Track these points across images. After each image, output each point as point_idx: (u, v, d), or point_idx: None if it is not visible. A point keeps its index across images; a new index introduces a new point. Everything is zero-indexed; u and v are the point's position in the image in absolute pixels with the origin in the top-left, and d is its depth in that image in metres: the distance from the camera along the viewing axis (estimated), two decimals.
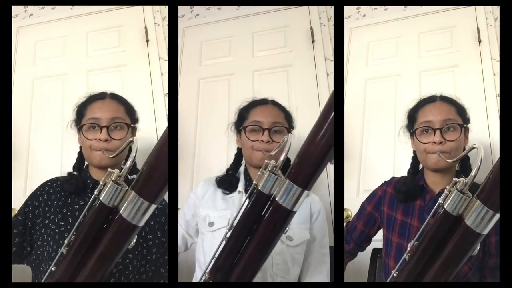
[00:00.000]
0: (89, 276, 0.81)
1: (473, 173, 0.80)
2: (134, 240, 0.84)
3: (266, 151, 1.15)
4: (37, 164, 1.70)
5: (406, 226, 1.14)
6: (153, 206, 0.79)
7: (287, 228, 0.84)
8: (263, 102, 1.27)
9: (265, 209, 0.83)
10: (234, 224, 0.84)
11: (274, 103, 1.27)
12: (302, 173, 0.79)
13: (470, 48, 1.67)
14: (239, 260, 0.84)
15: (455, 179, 0.82)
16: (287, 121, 1.25)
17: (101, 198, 0.80)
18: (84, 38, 1.77)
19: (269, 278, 1.15)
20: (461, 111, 1.14)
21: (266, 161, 0.83)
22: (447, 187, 0.82)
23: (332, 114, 0.77)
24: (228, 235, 0.84)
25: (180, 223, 1.28)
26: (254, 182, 0.84)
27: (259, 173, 0.83)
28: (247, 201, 0.84)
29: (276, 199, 0.81)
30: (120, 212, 0.79)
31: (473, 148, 0.83)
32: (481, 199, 0.79)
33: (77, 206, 1.10)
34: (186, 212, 1.29)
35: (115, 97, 1.16)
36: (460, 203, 0.80)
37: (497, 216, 0.79)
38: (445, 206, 0.81)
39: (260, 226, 0.82)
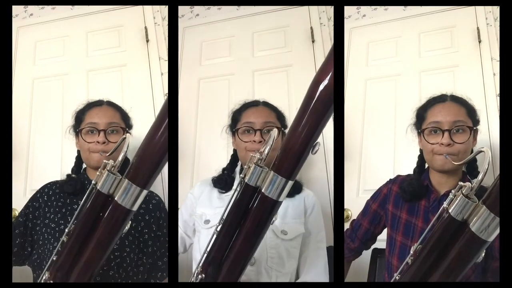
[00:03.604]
0: (88, 262, 0.86)
1: (479, 177, 0.76)
2: (128, 226, 0.88)
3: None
4: (37, 165, 1.70)
5: (410, 225, 1.14)
6: (145, 192, 0.85)
7: (274, 219, 0.85)
8: (254, 104, 1.29)
9: (252, 201, 0.85)
10: (224, 217, 0.86)
11: (266, 104, 1.29)
12: (285, 164, 0.81)
13: (470, 48, 1.67)
14: (229, 252, 0.86)
15: (460, 183, 0.78)
16: (279, 121, 1.27)
17: (98, 187, 0.86)
18: (84, 38, 1.78)
19: (263, 271, 1.16)
20: (471, 113, 1.11)
21: (251, 154, 0.85)
22: (453, 191, 0.79)
23: (312, 104, 0.79)
24: (218, 229, 0.86)
25: (178, 225, 1.29)
26: (240, 175, 0.86)
27: (245, 167, 0.85)
28: (235, 195, 0.86)
29: (262, 190, 0.82)
30: (115, 198, 0.85)
31: (480, 151, 0.79)
32: (487, 205, 0.75)
33: (76, 206, 1.12)
34: (184, 213, 1.30)
35: (111, 104, 1.24)
36: (466, 209, 0.77)
37: None
38: (450, 211, 0.78)
39: (248, 217, 0.84)
